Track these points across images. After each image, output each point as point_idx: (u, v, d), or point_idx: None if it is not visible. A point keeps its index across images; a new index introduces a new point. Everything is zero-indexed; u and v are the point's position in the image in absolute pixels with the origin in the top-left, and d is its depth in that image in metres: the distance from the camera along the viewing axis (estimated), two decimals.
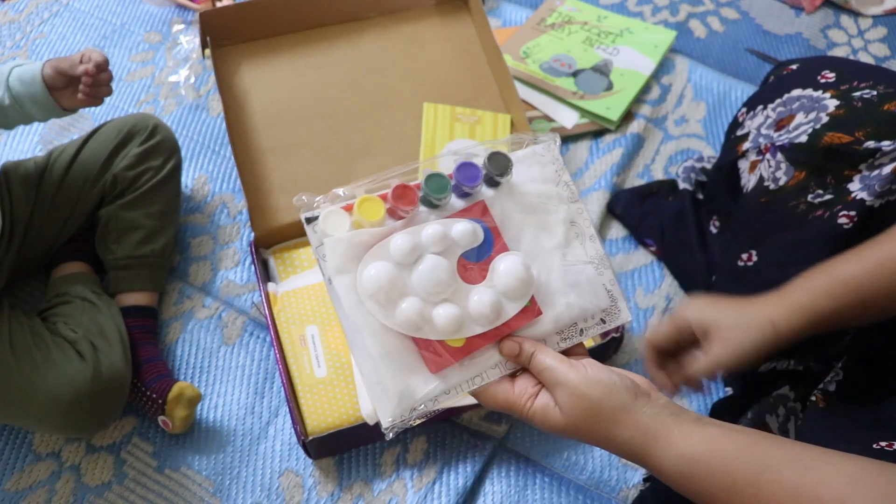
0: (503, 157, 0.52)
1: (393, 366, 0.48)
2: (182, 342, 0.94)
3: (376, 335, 0.48)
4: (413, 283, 0.48)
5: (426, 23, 1.10)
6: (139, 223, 0.92)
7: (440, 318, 0.48)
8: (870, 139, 0.67)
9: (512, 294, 0.50)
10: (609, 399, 0.45)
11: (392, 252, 0.49)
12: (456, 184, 0.51)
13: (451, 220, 0.50)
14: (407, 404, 0.48)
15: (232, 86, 1.02)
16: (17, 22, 1.29)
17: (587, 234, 0.54)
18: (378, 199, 0.50)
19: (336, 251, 0.48)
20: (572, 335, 0.52)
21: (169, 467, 0.85)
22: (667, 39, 1.24)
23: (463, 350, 0.48)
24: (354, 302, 0.48)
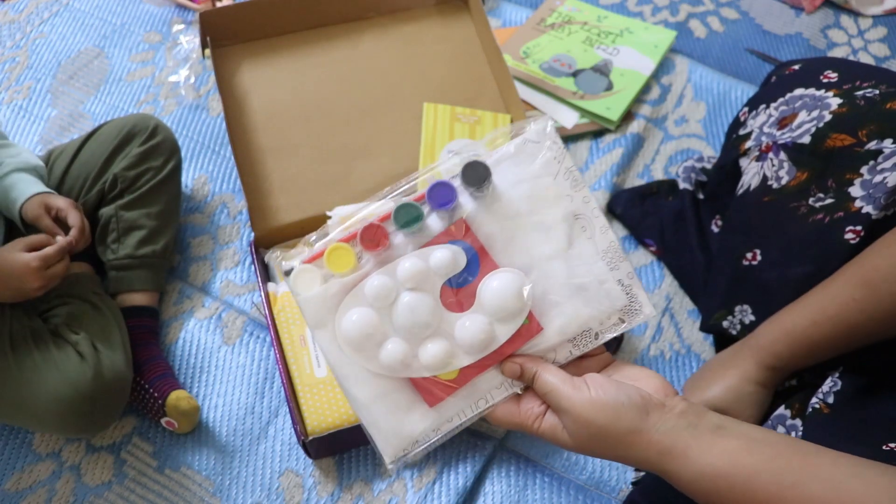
0: (479, 166, 0.47)
1: (386, 407, 0.47)
2: (182, 342, 0.94)
3: (364, 382, 0.47)
4: (394, 325, 0.47)
5: (426, 23, 1.10)
6: (139, 223, 0.92)
7: (427, 356, 0.47)
8: (872, 138, 0.67)
9: (504, 316, 0.47)
10: (617, 423, 0.43)
11: (368, 296, 0.47)
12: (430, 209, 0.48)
13: (428, 249, 0.48)
14: (406, 441, 0.47)
15: (232, 86, 1.02)
16: (17, 22, 1.29)
17: (596, 225, 0.49)
18: (347, 248, 0.48)
19: (310, 308, 0.48)
20: (587, 342, 0.48)
21: (169, 467, 0.85)
22: (667, 39, 1.24)
23: (456, 382, 0.47)
24: (337, 353, 0.47)
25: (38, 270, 0.78)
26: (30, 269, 0.78)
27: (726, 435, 0.43)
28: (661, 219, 1.00)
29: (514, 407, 0.48)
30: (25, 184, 0.86)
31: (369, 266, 0.48)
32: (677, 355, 0.93)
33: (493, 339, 0.47)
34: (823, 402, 0.64)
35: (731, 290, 0.81)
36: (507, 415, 0.48)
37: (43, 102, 1.18)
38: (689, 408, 0.44)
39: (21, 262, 0.78)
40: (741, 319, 0.80)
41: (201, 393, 0.90)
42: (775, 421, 0.69)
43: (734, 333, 0.80)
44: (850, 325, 0.64)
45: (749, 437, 0.43)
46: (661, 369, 0.92)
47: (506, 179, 0.48)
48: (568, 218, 0.48)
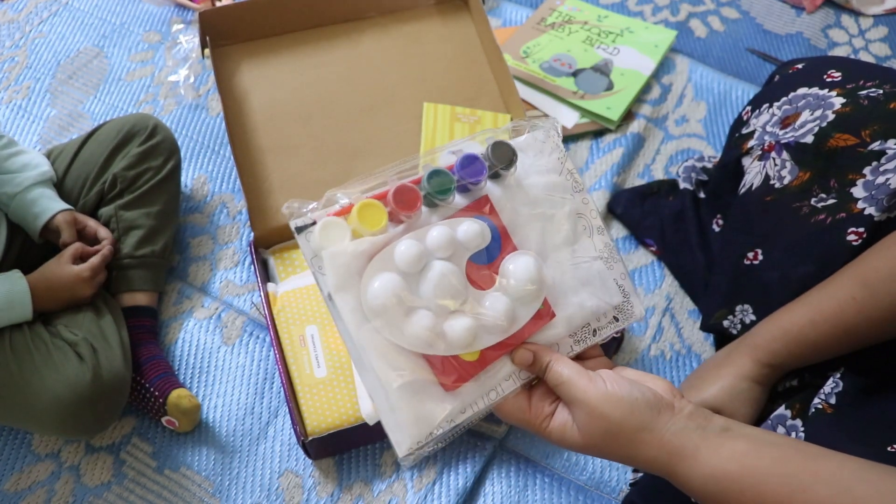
0: (507, 147, 0.48)
1: (406, 389, 0.44)
2: (181, 342, 0.94)
3: (386, 356, 0.44)
4: (422, 294, 0.44)
5: (426, 23, 1.10)
6: (138, 223, 0.92)
7: (453, 332, 0.44)
8: (876, 138, 0.67)
9: (525, 298, 0.46)
10: (630, 419, 0.42)
11: (397, 261, 0.44)
12: (459, 178, 0.47)
13: (456, 219, 0.46)
14: (424, 430, 0.44)
15: (231, 85, 1.02)
16: (17, 21, 1.29)
17: (594, 226, 0.50)
18: (379, 205, 0.45)
19: (336, 266, 0.44)
20: (586, 337, 0.48)
21: (168, 468, 0.85)
22: (667, 39, 1.23)
23: (478, 364, 0.45)
24: (359, 321, 0.44)
25: (90, 280, 0.85)
26: (82, 279, 0.84)
27: (733, 437, 0.43)
28: (661, 219, 1.00)
29: (524, 402, 0.46)
30: (48, 200, 0.88)
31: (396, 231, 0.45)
32: (678, 355, 0.93)
33: (514, 320, 0.46)
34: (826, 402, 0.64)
35: (731, 290, 0.81)
36: (516, 410, 0.46)
37: (42, 102, 1.18)
38: (696, 410, 0.44)
39: (74, 273, 0.84)
40: (742, 319, 0.79)
41: (201, 393, 0.90)
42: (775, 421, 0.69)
43: (734, 333, 0.80)
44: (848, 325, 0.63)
45: (756, 438, 0.43)
46: (662, 369, 0.92)
47: (522, 167, 0.49)
48: (573, 215, 0.50)
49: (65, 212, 0.88)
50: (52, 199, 0.88)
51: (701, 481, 0.42)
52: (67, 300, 0.85)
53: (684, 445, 0.42)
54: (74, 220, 0.88)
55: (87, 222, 0.90)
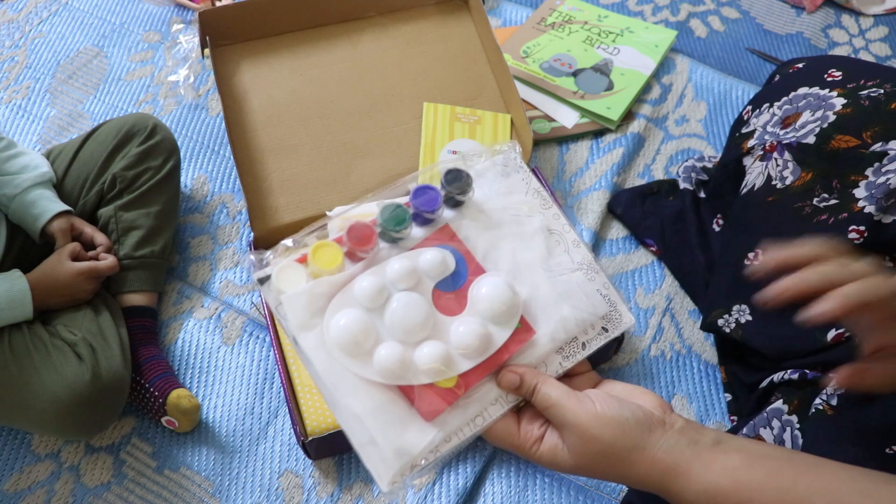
0: (461, 173, 0.47)
1: (382, 421, 0.42)
2: (181, 342, 0.94)
3: (357, 390, 0.43)
4: (387, 327, 0.44)
5: (426, 22, 1.10)
6: (138, 223, 0.92)
7: (424, 359, 0.43)
8: (877, 139, 0.67)
9: (498, 318, 0.45)
10: (622, 439, 0.42)
11: (358, 297, 0.44)
12: (415, 212, 0.46)
13: (417, 251, 0.46)
14: (406, 462, 0.42)
15: (231, 85, 1.02)
16: (16, 21, 1.29)
17: (569, 240, 0.49)
18: (333, 245, 0.45)
19: (296, 307, 0.44)
20: (574, 352, 0.47)
21: (168, 468, 0.85)
22: (667, 39, 1.23)
23: (456, 390, 0.44)
24: (325, 359, 0.43)
25: (90, 278, 0.85)
26: (83, 277, 0.84)
27: (725, 450, 0.43)
28: (661, 219, 1.00)
29: (512, 427, 0.45)
30: (47, 201, 0.88)
31: (355, 268, 0.45)
32: (678, 355, 0.93)
33: (489, 342, 0.45)
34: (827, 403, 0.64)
35: (732, 290, 0.81)
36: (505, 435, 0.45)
37: (42, 102, 1.18)
38: (687, 424, 0.44)
39: (74, 270, 0.84)
40: (737, 319, 0.79)
41: (201, 393, 0.90)
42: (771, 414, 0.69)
43: (728, 332, 0.80)
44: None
45: (748, 451, 0.43)
46: (662, 369, 0.92)
47: (482, 193, 0.49)
48: (544, 230, 0.49)
49: (61, 218, 0.87)
50: (51, 200, 0.88)
51: (693, 497, 0.42)
52: (68, 297, 0.85)
53: (677, 462, 0.42)
54: (70, 226, 0.88)
55: (84, 228, 0.89)
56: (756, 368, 0.80)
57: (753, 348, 0.78)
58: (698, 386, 0.91)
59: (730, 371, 0.88)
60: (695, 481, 0.42)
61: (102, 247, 0.88)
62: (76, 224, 0.89)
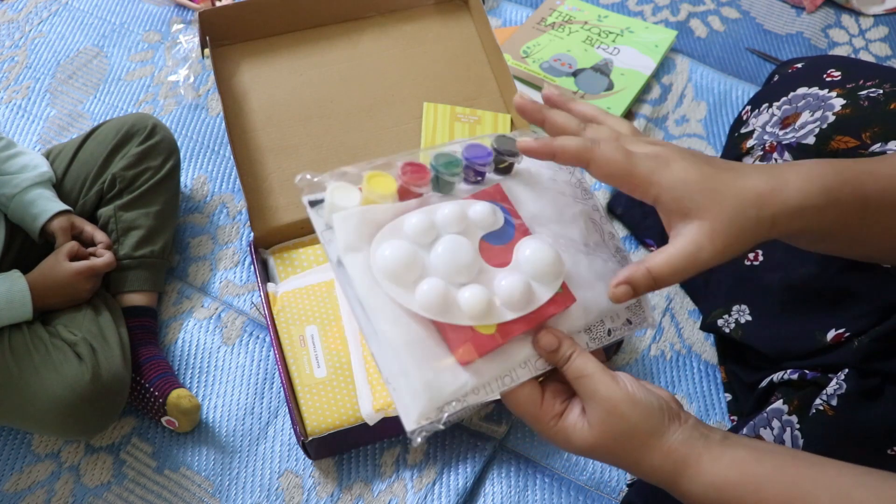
0: (510, 139, 0.47)
1: (417, 354, 0.41)
2: (181, 342, 0.94)
3: (397, 319, 0.42)
4: (433, 264, 0.43)
5: (426, 22, 1.10)
6: (138, 223, 0.92)
7: (467, 301, 0.42)
8: (876, 140, 0.67)
9: (542, 277, 0.45)
10: (646, 423, 0.42)
11: (407, 231, 0.44)
12: (467, 164, 0.47)
13: (468, 201, 0.46)
14: (435, 401, 0.41)
15: (231, 85, 1.02)
16: (16, 21, 1.29)
17: (606, 231, 0.50)
18: (388, 175, 0.45)
19: (346, 227, 0.43)
20: (600, 335, 0.47)
21: (168, 468, 0.85)
22: (667, 39, 1.23)
23: (495, 338, 0.43)
24: (369, 283, 0.42)
25: (89, 277, 0.85)
26: (82, 276, 0.84)
27: (733, 445, 0.43)
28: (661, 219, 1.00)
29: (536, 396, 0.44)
30: (46, 200, 0.88)
31: (406, 204, 0.45)
32: (678, 355, 0.93)
33: (532, 298, 0.44)
34: (827, 403, 0.64)
35: (732, 290, 0.81)
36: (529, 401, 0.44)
37: (42, 102, 1.18)
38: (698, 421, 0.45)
39: (73, 269, 0.84)
40: (736, 319, 0.79)
41: (200, 393, 0.90)
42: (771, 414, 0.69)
43: (727, 332, 0.80)
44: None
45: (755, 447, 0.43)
46: (662, 369, 0.92)
47: (531, 167, 0.49)
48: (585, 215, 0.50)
49: (61, 217, 0.87)
50: (50, 200, 0.88)
51: (702, 489, 0.42)
52: (67, 297, 0.85)
53: (689, 454, 0.42)
54: (71, 225, 0.88)
55: (84, 226, 0.89)
56: (756, 368, 0.80)
57: (753, 348, 0.78)
58: (698, 386, 0.91)
59: (730, 371, 0.88)
60: (703, 473, 0.42)
61: (102, 244, 0.88)
62: (76, 223, 0.89)
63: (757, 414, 0.71)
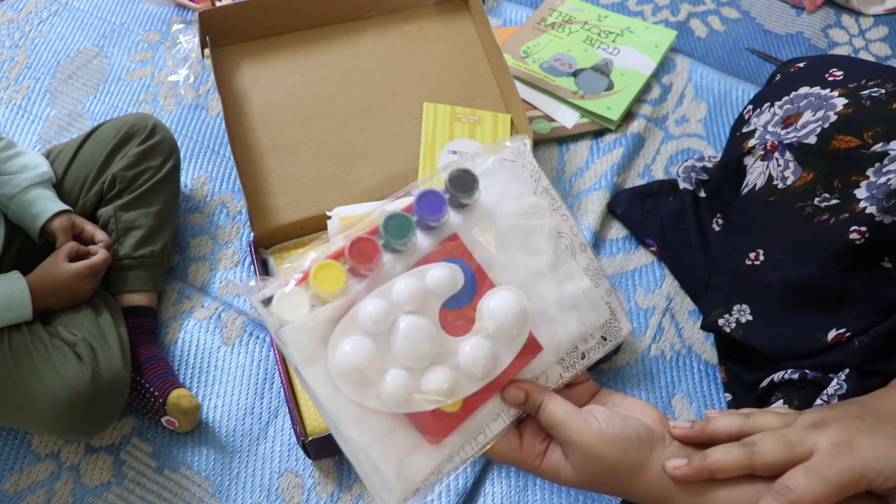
0: (466, 174, 0.45)
1: (386, 450, 0.42)
2: (181, 342, 0.94)
3: (361, 423, 0.42)
4: (394, 351, 0.43)
5: (426, 23, 1.10)
6: (138, 223, 0.92)
7: (430, 386, 0.42)
8: (878, 140, 0.67)
9: (507, 336, 0.44)
10: (626, 458, 0.42)
11: (363, 322, 0.42)
12: (419, 219, 0.45)
13: (424, 267, 0.44)
14: (409, 487, 0.43)
15: (231, 85, 1.02)
16: (16, 21, 1.29)
17: (577, 244, 0.48)
18: (336, 265, 0.43)
19: (298, 340, 0.42)
20: (574, 362, 0.47)
21: (168, 468, 0.85)
22: (667, 39, 1.23)
23: (461, 414, 0.43)
24: (329, 392, 0.42)
25: (89, 277, 0.85)
26: (81, 277, 0.84)
27: None
28: (661, 219, 1.00)
29: (515, 443, 0.45)
30: (46, 200, 0.88)
31: (359, 289, 0.43)
32: (678, 355, 0.93)
33: (496, 364, 0.44)
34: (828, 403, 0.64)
35: (732, 290, 0.81)
36: (508, 451, 0.45)
37: (42, 102, 1.18)
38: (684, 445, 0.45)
39: (72, 270, 0.84)
40: (737, 318, 0.79)
41: (201, 393, 0.90)
42: None
43: (728, 331, 0.80)
44: None
45: None
46: (662, 369, 0.92)
47: (490, 195, 0.47)
48: (553, 234, 0.48)
49: (61, 217, 0.87)
50: (50, 200, 0.88)
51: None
52: (67, 298, 0.85)
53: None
54: (71, 225, 0.88)
55: (85, 226, 0.89)
56: (756, 368, 0.80)
57: (753, 348, 0.78)
58: (698, 386, 0.91)
59: (730, 371, 0.88)
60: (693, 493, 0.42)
61: (102, 243, 0.88)
62: (76, 222, 0.89)
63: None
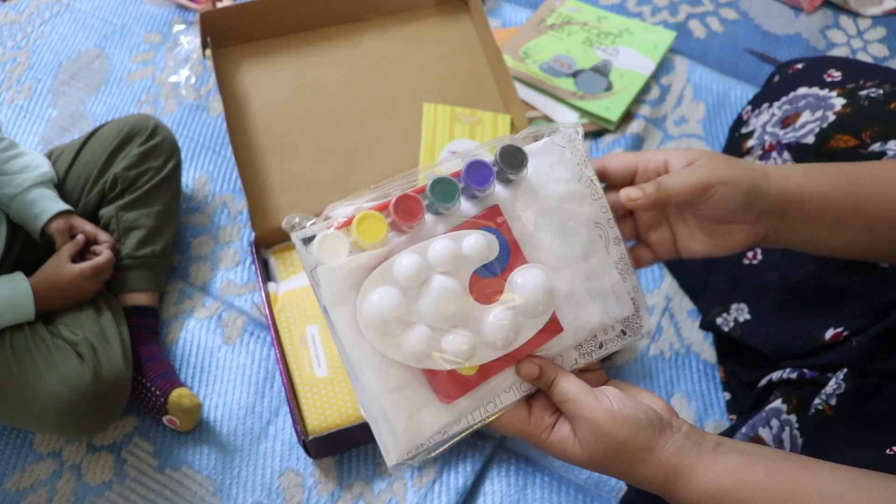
0: (517, 150, 0.46)
1: (398, 401, 0.43)
2: (182, 342, 0.94)
3: (379, 370, 0.43)
4: (421, 309, 0.43)
5: (426, 23, 1.11)
6: (139, 223, 0.92)
7: (451, 347, 0.43)
8: (876, 139, 0.67)
9: (532, 312, 0.45)
10: (635, 439, 0.43)
11: (396, 275, 0.43)
12: (465, 185, 0.45)
13: (462, 232, 0.45)
14: (414, 441, 0.43)
15: (232, 86, 1.02)
16: (18, 23, 1.29)
17: (611, 236, 0.49)
18: (379, 216, 0.44)
19: (331, 280, 0.43)
20: (591, 350, 0.47)
21: (169, 467, 0.85)
22: (666, 40, 1.24)
23: (477, 377, 0.44)
24: (354, 335, 0.43)
25: (92, 278, 0.85)
26: (85, 277, 0.84)
27: (726, 451, 0.44)
28: None
29: (524, 414, 0.45)
30: (47, 200, 0.88)
31: (397, 243, 0.44)
32: (677, 355, 0.93)
33: (517, 336, 0.45)
34: (826, 403, 0.64)
35: (730, 289, 0.81)
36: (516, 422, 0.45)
37: (44, 103, 1.18)
38: (691, 428, 0.45)
39: (76, 271, 0.84)
40: (735, 317, 0.80)
41: (202, 392, 0.90)
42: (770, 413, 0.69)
43: (726, 331, 0.80)
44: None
45: (748, 453, 0.44)
46: (661, 369, 0.92)
47: (536, 175, 0.47)
48: (590, 224, 0.48)
49: (59, 219, 0.87)
50: (51, 200, 0.88)
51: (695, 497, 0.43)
52: (70, 299, 0.85)
53: (682, 463, 0.43)
54: (69, 227, 0.88)
55: (85, 227, 0.89)
56: (755, 367, 0.80)
57: (752, 347, 0.78)
58: (697, 385, 0.91)
59: (728, 370, 0.88)
60: (697, 482, 0.43)
61: (106, 243, 0.89)
62: (76, 224, 0.89)
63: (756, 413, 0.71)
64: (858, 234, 0.52)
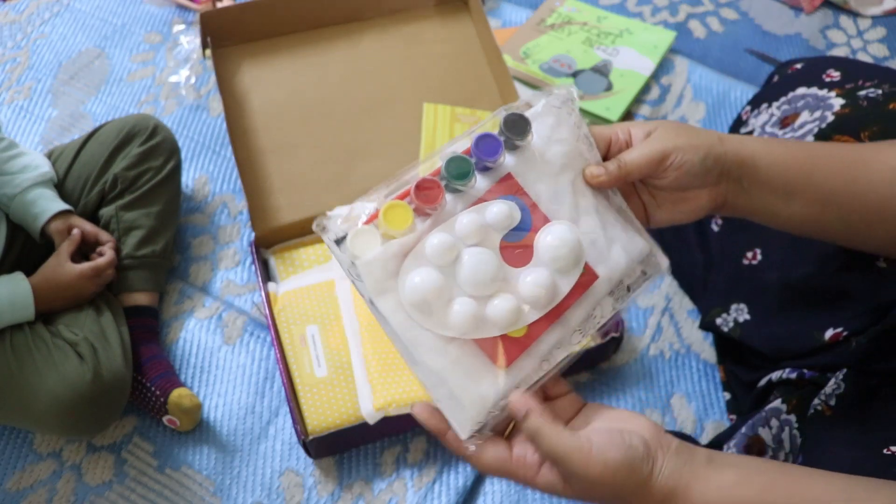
0: (520, 118, 0.49)
1: (459, 374, 0.45)
2: (182, 342, 0.94)
3: (434, 348, 0.45)
4: (460, 282, 0.46)
5: (426, 23, 1.11)
6: (139, 223, 0.92)
7: (497, 313, 0.45)
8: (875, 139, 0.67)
9: (564, 266, 0.47)
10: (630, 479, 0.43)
11: (430, 255, 0.46)
12: (477, 160, 0.48)
13: (483, 204, 0.48)
14: (482, 411, 0.45)
15: (232, 86, 1.02)
16: (18, 23, 1.30)
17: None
18: (403, 205, 0.47)
19: (371, 272, 0.45)
20: (623, 294, 0.50)
21: (169, 467, 0.85)
22: (666, 40, 1.24)
23: (526, 338, 0.46)
24: (403, 319, 0.45)
25: (93, 278, 0.85)
26: (85, 277, 0.84)
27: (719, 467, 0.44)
28: None
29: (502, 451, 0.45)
30: (47, 200, 0.88)
31: (424, 226, 0.47)
32: (677, 355, 0.93)
33: (556, 292, 0.47)
34: (826, 403, 0.64)
35: (730, 289, 0.81)
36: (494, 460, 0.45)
37: (44, 103, 1.18)
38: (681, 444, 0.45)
39: (76, 271, 0.84)
40: (735, 318, 0.80)
41: (202, 392, 0.90)
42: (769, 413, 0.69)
43: (726, 330, 0.80)
44: None
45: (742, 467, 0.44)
46: (661, 369, 0.92)
47: (539, 138, 0.50)
48: None
49: (59, 219, 0.87)
50: (51, 200, 0.88)
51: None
52: (71, 299, 0.85)
53: (677, 485, 0.43)
54: (68, 228, 0.88)
55: (85, 227, 0.89)
56: (754, 367, 0.80)
57: (751, 347, 0.78)
58: (697, 385, 0.91)
59: (728, 370, 0.88)
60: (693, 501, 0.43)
61: (109, 244, 0.89)
62: (75, 224, 0.89)
63: (755, 413, 0.71)
64: (810, 208, 0.53)
